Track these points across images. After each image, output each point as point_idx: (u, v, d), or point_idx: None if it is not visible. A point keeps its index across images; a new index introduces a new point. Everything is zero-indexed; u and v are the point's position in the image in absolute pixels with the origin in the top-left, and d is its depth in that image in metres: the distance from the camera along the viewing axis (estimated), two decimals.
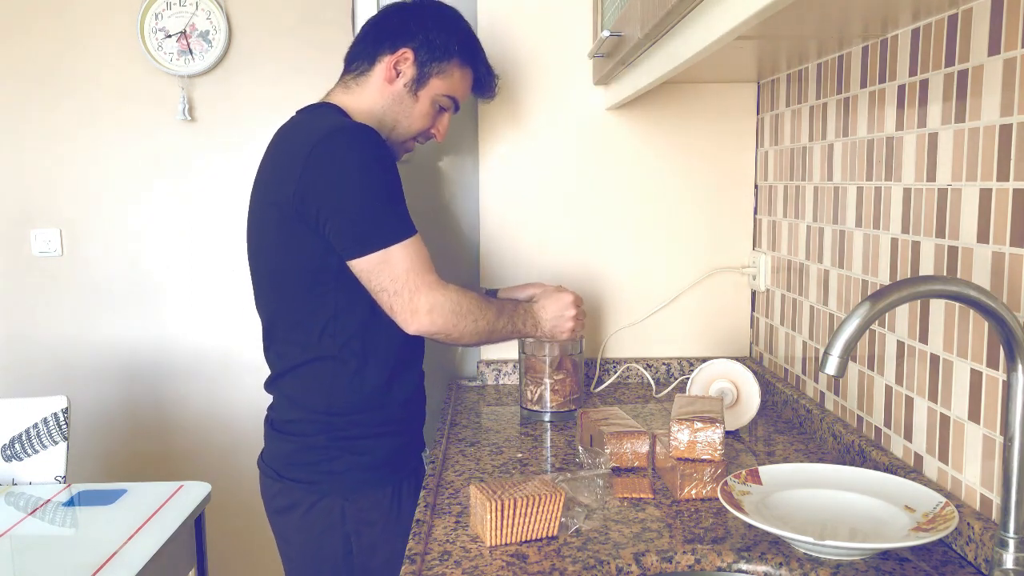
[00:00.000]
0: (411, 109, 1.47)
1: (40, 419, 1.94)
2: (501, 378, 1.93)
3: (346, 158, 1.29)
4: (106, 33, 2.60)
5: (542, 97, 1.89)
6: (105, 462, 2.74)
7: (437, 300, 1.33)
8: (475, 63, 1.52)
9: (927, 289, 0.86)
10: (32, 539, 1.60)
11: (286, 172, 1.32)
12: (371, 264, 1.30)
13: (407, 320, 1.32)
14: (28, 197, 2.66)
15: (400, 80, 1.45)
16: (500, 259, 1.92)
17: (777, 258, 1.78)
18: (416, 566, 1.00)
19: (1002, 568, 0.88)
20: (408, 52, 1.44)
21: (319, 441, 1.40)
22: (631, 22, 1.29)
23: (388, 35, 1.45)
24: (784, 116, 1.72)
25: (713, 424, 1.22)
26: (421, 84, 1.46)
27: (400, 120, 1.48)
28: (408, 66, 1.45)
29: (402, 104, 1.46)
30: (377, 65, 1.45)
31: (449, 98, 1.50)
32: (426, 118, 1.50)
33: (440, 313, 1.33)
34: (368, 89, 1.46)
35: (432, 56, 1.45)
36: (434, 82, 1.47)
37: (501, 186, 1.90)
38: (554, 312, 1.53)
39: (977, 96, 1.03)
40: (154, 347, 2.71)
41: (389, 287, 1.31)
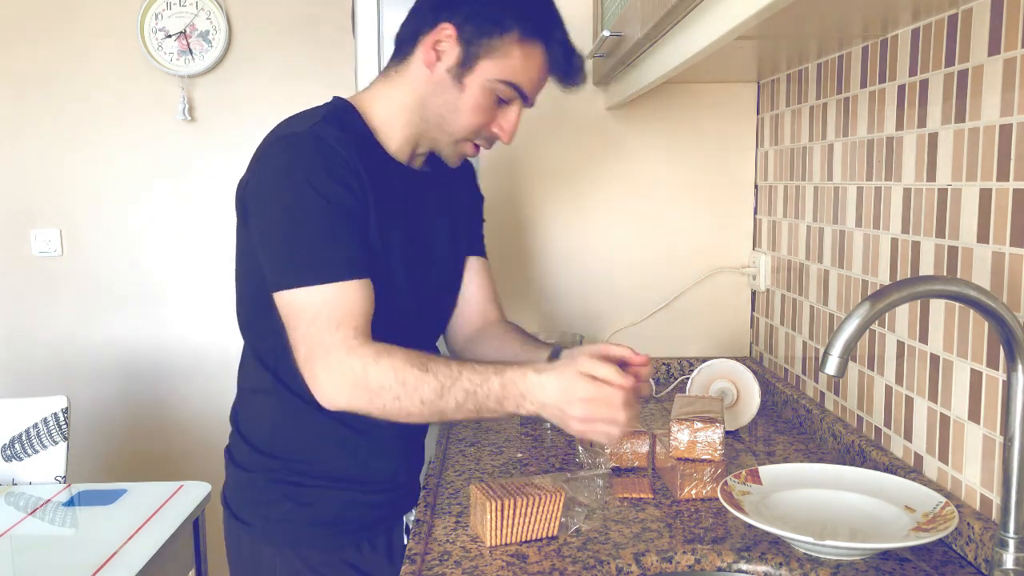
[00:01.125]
0: (456, 101, 1.13)
1: (40, 419, 1.94)
2: None
3: (283, 173, 1.06)
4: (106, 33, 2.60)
5: (542, 97, 1.88)
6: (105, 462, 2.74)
7: (334, 365, 1.01)
8: (545, 36, 1.13)
9: (927, 289, 0.86)
10: (32, 539, 1.60)
11: (243, 178, 1.15)
12: (279, 304, 1.07)
13: (310, 385, 1.04)
14: (28, 197, 2.66)
15: (442, 64, 1.12)
16: (500, 260, 1.92)
17: (777, 258, 1.78)
18: (416, 566, 1.00)
19: (1002, 568, 0.88)
20: (449, 27, 1.10)
21: (259, 480, 1.20)
22: (631, 22, 1.29)
23: (430, 6, 1.14)
24: (784, 116, 1.72)
25: (713, 424, 1.22)
26: (467, 68, 1.11)
27: (445, 115, 1.15)
28: (451, 45, 1.11)
29: (445, 94, 1.13)
30: (418, 47, 1.14)
31: (508, 85, 1.13)
32: (479, 112, 1.14)
33: (341, 385, 1.02)
34: (408, 78, 1.15)
35: (481, 30, 1.10)
36: (483, 64, 1.11)
37: (501, 186, 1.90)
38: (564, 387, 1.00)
39: (977, 96, 1.03)
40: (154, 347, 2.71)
41: (291, 335, 1.06)
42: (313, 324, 1.03)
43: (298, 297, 1.04)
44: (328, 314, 1.03)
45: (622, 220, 1.91)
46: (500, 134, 1.18)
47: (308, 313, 1.03)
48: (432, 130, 1.17)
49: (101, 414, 2.73)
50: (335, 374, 1.02)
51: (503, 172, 1.90)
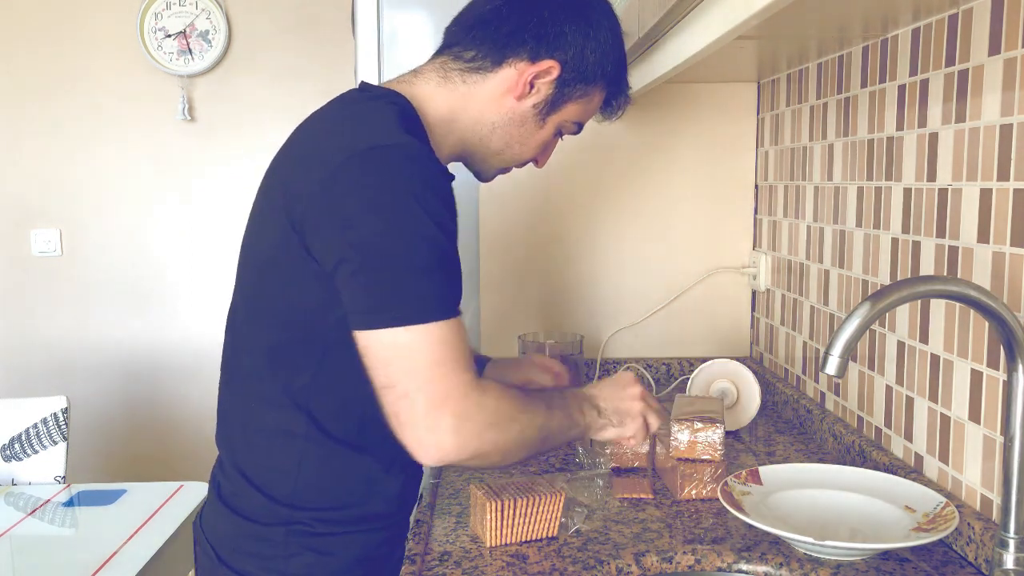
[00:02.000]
0: (532, 135, 1.09)
1: (40, 419, 1.94)
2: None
3: (379, 192, 0.90)
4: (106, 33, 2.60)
5: None
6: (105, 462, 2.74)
7: (468, 410, 0.91)
8: (620, 84, 1.13)
9: (927, 289, 0.86)
10: (32, 539, 1.60)
11: (306, 181, 0.94)
12: (379, 345, 0.91)
13: (420, 438, 0.90)
14: (28, 197, 2.66)
15: (531, 99, 1.06)
16: (500, 260, 1.92)
17: (777, 258, 1.78)
18: (416, 566, 1.00)
19: (1002, 568, 0.88)
20: (555, 67, 1.04)
21: (276, 533, 1.04)
22: (631, 22, 1.29)
23: (533, 34, 1.03)
24: (784, 116, 1.72)
25: (713, 424, 1.22)
26: (554, 108, 1.08)
27: (512, 145, 1.10)
28: (547, 83, 1.05)
29: (523, 127, 1.08)
30: (504, 69, 1.05)
31: (577, 124, 1.13)
32: (543, 147, 1.13)
33: (474, 433, 0.92)
34: (479, 93, 1.06)
35: (580, 77, 1.06)
36: (570, 107, 1.09)
37: (501, 186, 1.90)
38: (612, 392, 1.11)
39: (977, 96, 1.03)
40: (154, 347, 2.71)
41: (400, 384, 0.90)
42: (440, 365, 0.90)
43: (413, 337, 0.89)
44: (454, 353, 0.91)
45: (622, 220, 1.91)
46: (540, 160, 1.16)
47: (433, 354, 0.90)
48: (489, 154, 1.11)
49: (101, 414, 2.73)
50: (475, 417, 0.91)
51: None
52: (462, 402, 0.91)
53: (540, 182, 1.90)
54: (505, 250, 1.91)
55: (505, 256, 1.91)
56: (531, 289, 1.91)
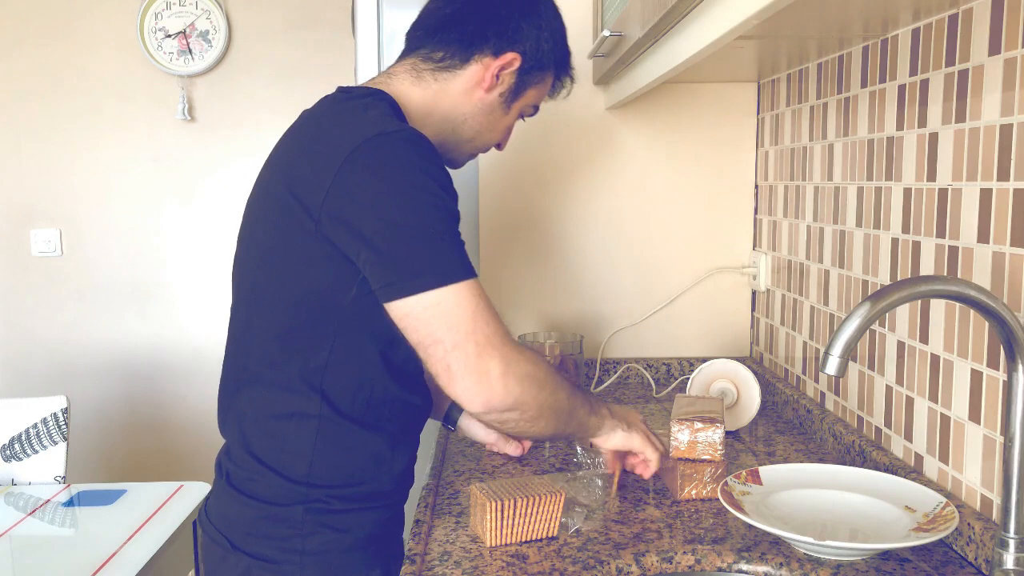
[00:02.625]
0: (499, 122, 1.22)
1: (40, 419, 1.94)
2: None
3: (396, 172, 0.99)
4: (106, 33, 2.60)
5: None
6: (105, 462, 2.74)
7: (513, 359, 1.00)
8: (567, 67, 1.26)
9: (927, 289, 0.86)
10: (32, 539, 1.60)
11: (316, 171, 1.01)
12: (419, 309, 0.98)
13: (472, 385, 0.98)
14: (28, 197, 2.66)
15: (497, 89, 1.18)
16: (500, 259, 1.92)
17: (777, 258, 1.78)
18: (416, 566, 1.00)
19: (1002, 568, 0.88)
20: (516, 59, 1.16)
21: (294, 513, 1.09)
22: (631, 22, 1.29)
23: (494, 31, 1.15)
24: (784, 116, 1.72)
25: (713, 424, 1.22)
26: (518, 95, 1.20)
27: (483, 132, 1.21)
28: (510, 74, 1.17)
29: (491, 115, 1.20)
30: (472, 65, 1.16)
31: (535, 107, 1.26)
32: (508, 130, 1.26)
33: (517, 379, 1.00)
34: (450, 89, 1.16)
35: (537, 64, 1.19)
36: (530, 92, 1.22)
37: (501, 186, 1.90)
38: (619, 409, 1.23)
39: (977, 96, 1.03)
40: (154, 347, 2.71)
41: (447, 338, 0.98)
42: (479, 315, 0.99)
43: (452, 293, 0.98)
44: (486, 306, 1.01)
45: (622, 220, 1.91)
46: (503, 144, 1.28)
47: (469, 306, 0.99)
48: (461, 143, 1.21)
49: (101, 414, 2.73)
50: (519, 363, 1.01)
51: (503, 172, 1.90)
52: (506, 347, 1.00)
53: (540, 182, 1.90)
54: (505, 250, 1.91)
55: (505, 256, 1.91)
56: (531, 289, 1.91)
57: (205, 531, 1.17)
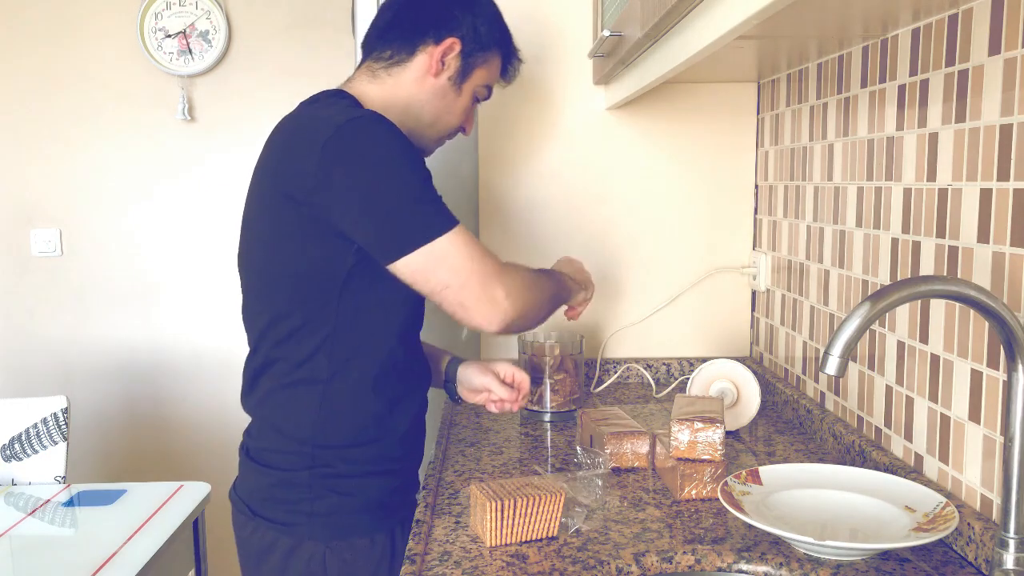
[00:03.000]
0: (453, 104, 1.32)
1: (40, 419, 1.94)
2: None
3: (371, 149, 1.13)
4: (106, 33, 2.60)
5: (542, 97, 1.89)
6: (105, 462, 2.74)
7: (511, 280, 1.18)
8: (511, 48, 1.38)
9: (927, 289, 0.86)
10: (32, 539, 1.60)
11: (299, 163, 1.14)
12: (421, 262, 1.13)
13: (486, 312, 1.16)
14: (28, 197, 2.66)
15: (444, 73, 1.29)
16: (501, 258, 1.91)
17: (777, 258, 1.78)
18: (416, 566, 1.00)
19: (1002, 568, 0.88)
20: (456, 43, 1.28)
21: (301, 477, 1.22)
22: (631, 22, 1.29)
23: (432, 23, 1.29)
24: (784, 116, 1.72)
25: (713, 424, 1.22)
26: (465, 77, 1.31)
27: (441, 116, 1.32)
28: (453, 58, 1.29)
29: (445, 99, 1.31)
30: (418, 56, 1.28)
31: (487, 88, 1.37)
32: (465, 112, 1.36)
33: (519, 294, 1.18)
34: (403, 81, 1.29)
35: (478, 46, 1.30)
36: (477, 73, 1.32)
37: (501, 186, 1.90)
38: (568, 267, 1.49)
39: (977, 96, 1.03)
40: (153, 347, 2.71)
41: (453, 280, 1.14)
42: (474, 255, 1.15)
43: (446, 243, 1.13)
44: (476, 245, 1.16)
45: (622, 220, 1.91)
46: (467, 127, 1.39)
47: (465, 250, 1.14)
48: (424, 128, 1.32)
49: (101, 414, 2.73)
50: (516, 283, 1.18)
51: (503, 172, 1.90)
52: (503, 275, 1.17)
53: (540, 182, 1.90)
54: (505, 251, 1.91)
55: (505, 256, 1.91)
56: None
57: (233, 503, 1.32)
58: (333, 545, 1.22)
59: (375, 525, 1.25)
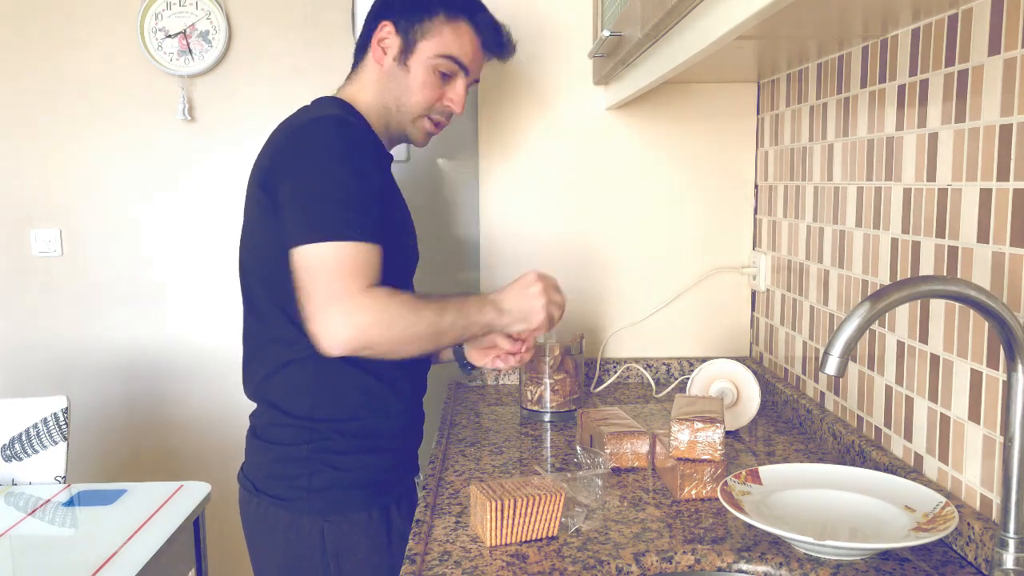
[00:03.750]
0: (404, 82, 1.33)
1: (40, 419, 1.94)
2: (501, 378, 1.93)
3: (318, 146, 1.19)
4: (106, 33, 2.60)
5: (542, 97, 1.89)
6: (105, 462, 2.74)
7: (355, 305, 1.13)
8: (468, 13, 1.35)
9: (927, 289, 0.86)
10: (32, 539, 1.60)
11: (266, 158, 1.25)
12: (300, 259, 1.15)
13: (319, 330, 1.13)
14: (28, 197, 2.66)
15: (388, 56, 1.33)
16: (500, 259, 1.92)
17: (777, 258, 1.78)
18: (416, 566, 1.00)
19: (1002, 568, 0.88)
20: (388, 24, 1.32)
21: (300, 452, 1.27)
22: (631, 22, 1.29)
23: (371, 16, 1.36)
24: (784, 116, 1.72)
25: (713, 424, 1.22)
26: (408, 52, 1.32)
27: (399, 97, 1.34)
28: (392, 38, 1.33)
29: (395, 79, 1.33)
30: (369, 50, 1.36)
31: (448, 59, 1.33)
32: (427, 88, 1.34)
33: (360, 323, 1.12)
34: (366, 77, 1.36)
35: (412, 19, 1.31)
36: (422, 46, 1.32)
37: (501, 186, 1.90)
38: (517, 293, 1.30)
39: (977, 96, 1.03)
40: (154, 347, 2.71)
41: (308, 287, 1.14)
42: (335, 273, 1.13)
43: (324, 249, 1.14)
44: (350, 266, 1.14)
45: (622, 220, 1.91)
46: (451, 105, 1.36)
47: (331, 265, 1.14)
48: (394, 114, 1.35)
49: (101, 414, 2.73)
50: (355, 314, 1.12)
51: (503, 172, 1.90)
52: (348, 302, 1.12)
53: (540, 182, 1.90)
54: (505, 250, 1.91)
55: (505, 256, 1.91)
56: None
57: (240, 483, 1.36)
58: (331, 519, 1.26)
59: (370, 501, 1.29)
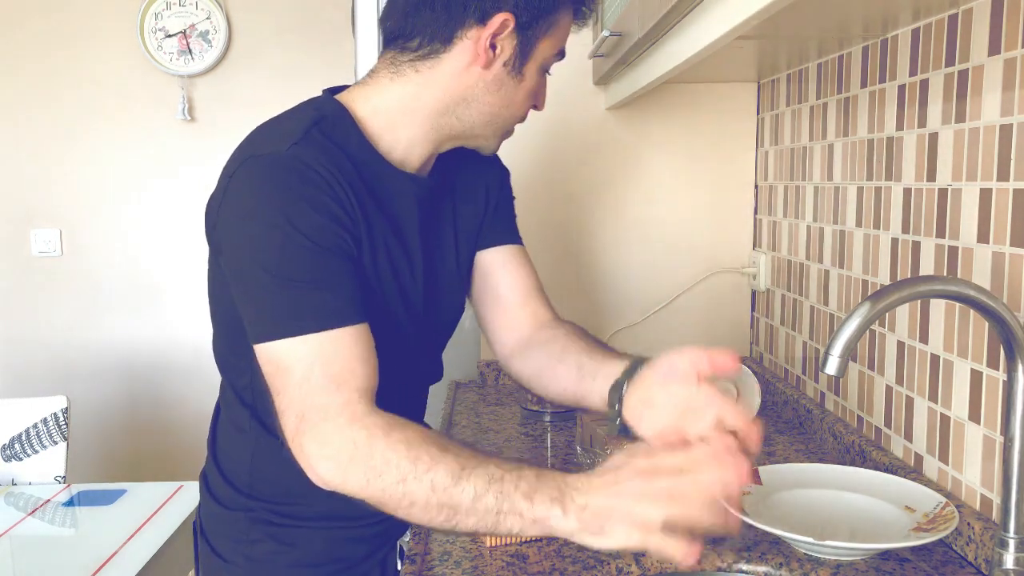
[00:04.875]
0: (514, 94, 1.00)
1: (40, 419, 1.94)
2: (501, 378, 1.92)
3: (251, 205, 0.90)
4: (106, 33, 2.60)
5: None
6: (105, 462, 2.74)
7: (333, 437, 0.82)
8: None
9: (927, 289, 0.86)
10: (32, 539, 1.60)
11: (212, 197, 0.97)
12: (260, 358, 0.89)
13: (299, 458, 0.85)
14: (28, 197, 2.66)
15: (498, 60, 0.97)
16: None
17: (777, 258, 1.78)
18: (416, 566, 1.00)
19: (1002, 568, 0.88)
20: (508, 18, 0.94)
21: (239, 519, 1.07)
22: (631, 22, 1.29)
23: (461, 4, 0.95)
24: (784, 116, 1.72)
25: None
26: (527, 56, 0.98)
27: (500, 111, 1.01)
28: (507, 38, 0.96)
29: (502, 90, 0.99)
30: (457, 44, 0.96)
31: (558, 54, 1.04)
32: (532, 95, 1.04)
33: (338, 460, 0.82)
34: (438, 77, 0.98)
35: (538, 12, 0.96)
36: (543, 45, 0.99)
37: None
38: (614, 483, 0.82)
39: (977, 96, 1.03)
40: (154, 347, 2.71)
41: (277, 400, 0.87)
42: (305, 384, 0.84)
43: (283, 351, 0.86)
44: (322, 371, 0.84)
45: (622, 220, 1.91)
46: (539, 104, 1.07)
47: (298, 371, 0.85)
48: (476, 129, 1.02)
49: (101, 414, 2.73)
50: (333, 446, 0.82)
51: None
52: (321, 426, 0.83)
53: (540, 182, 1.90)
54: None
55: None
56: None
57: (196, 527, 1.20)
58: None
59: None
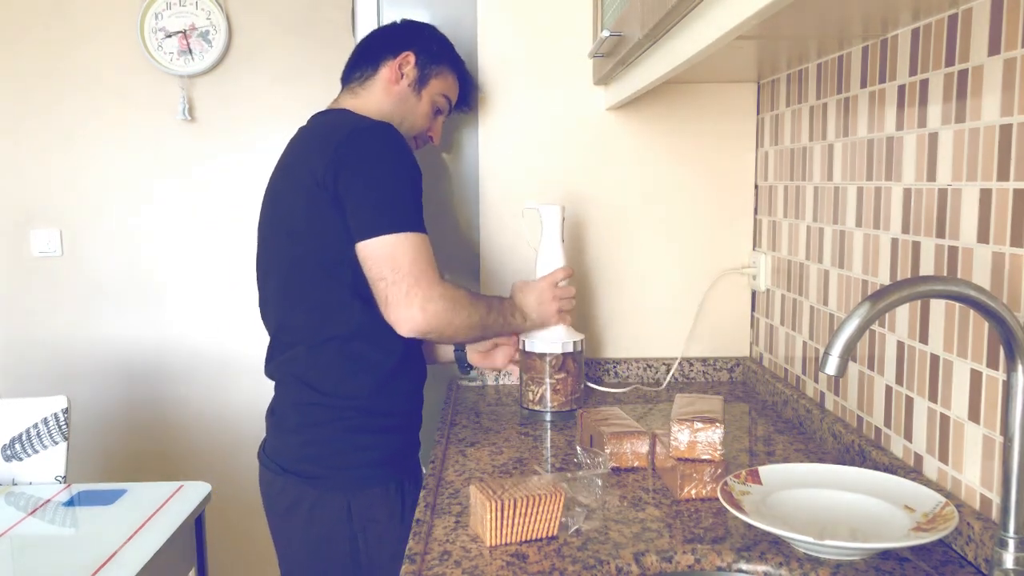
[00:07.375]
0: (415, 107, 1.57)
1: (40, 419, 1.94)
2: (501, 378, 1.93)
3: (380, 147, 1.36)
4: (106, 33, 2.60)
5: (542, 97, 1.89)
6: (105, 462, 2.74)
7: (435, 294, 1.33)
8: (462, 72, 1.66)
9: (927, 289, 0.86)
10: (32, 539, 1.60)
11: (317, 157, 1.37)
12: (376, 248, 1.32)
13: (402, 314, 1.32)
14: (28, 197, 2.66)
15: (404, 80, 1.55)
16: (500, 259, 1.92)
17: (777, 258, 1.78)
18: (416, 566, 1.00)
19: (1002, 568, 0.88)
20: (410, 55, 1.55)
21: (325, 433, 1.42)
22: (631, 22, 1.29)
23: (389, 44, 1.57)
24: (784, 116, 1.72)
25: (713, 424, 1.22)
26: (423, 84, 1.57)
27: (406, 117, 1.56)
28: (410, 67, 1.56)
29: (407, 103, 1.56)
30: (381, 69, 1.55)
31: (445, 98, 1.62)
32: (426, 118, 1.60)
33: (435, 310, 1.33)
34: (374, 91, 1.55)
35: (430, 59, 1.58)
36: (434, 83, 1.59)
37: (501, 186, 1.90)
38: (535, 298, 1.57)
39: (977, 96, 1.03)
40: (154, 347, 2.71)
41: (388, 275, 1.32)
42: (416, 262, 1.33)
43: (402, 240, 1.32)
44: (426, 255, 1.35)
45: (622, 220, 1.91)
46: (434, 136, 1.65)
47: (411, 254, 1.33)
48: (401, 129, 1.50)
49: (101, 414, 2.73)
50: (434, 300, 1.33)
51: (504, 172, 1.90)
52: (429, 288, 1.33)
53: (540, 182, 1.90)
54: (505, 251, 1.91)
55: (504, 257, 1.91)
56: None
57: (261, 462, 1.50)
58: (354, 495, 1.40)
59: (387, 476, 1.43)
